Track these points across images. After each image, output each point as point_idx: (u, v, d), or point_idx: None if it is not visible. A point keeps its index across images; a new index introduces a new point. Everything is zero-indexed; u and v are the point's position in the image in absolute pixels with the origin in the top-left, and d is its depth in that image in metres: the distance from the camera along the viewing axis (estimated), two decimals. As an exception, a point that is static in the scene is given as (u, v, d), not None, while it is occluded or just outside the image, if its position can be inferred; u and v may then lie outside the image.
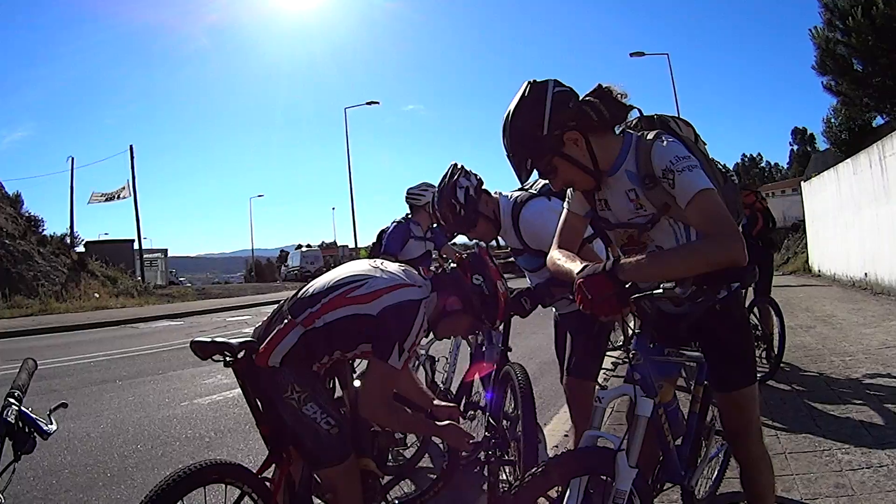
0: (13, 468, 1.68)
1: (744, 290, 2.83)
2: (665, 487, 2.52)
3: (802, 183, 21.79)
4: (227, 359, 2.33)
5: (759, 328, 5.97)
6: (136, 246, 33.71)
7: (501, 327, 3.30)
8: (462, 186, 3.18)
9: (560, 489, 1.93)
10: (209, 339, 2.34)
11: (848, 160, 14.85)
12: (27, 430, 1.71)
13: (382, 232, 5.23)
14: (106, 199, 32.54)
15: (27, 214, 25.72)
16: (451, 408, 2.83)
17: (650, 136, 1.98)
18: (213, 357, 2.33)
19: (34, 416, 1.74)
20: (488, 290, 2.51)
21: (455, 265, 2.58)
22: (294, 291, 2.57)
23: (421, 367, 4.45)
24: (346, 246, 50.35)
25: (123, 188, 32.34)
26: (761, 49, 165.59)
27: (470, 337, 3.79)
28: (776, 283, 7.43)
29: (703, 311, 1.95)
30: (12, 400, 1.73)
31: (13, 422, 1.68)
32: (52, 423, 1.77)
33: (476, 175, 3.27)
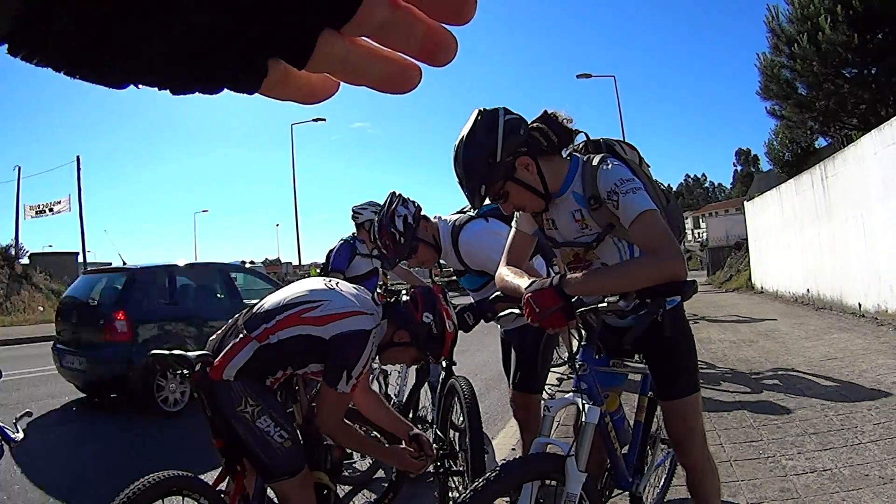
0: None
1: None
2: (614, 494, 2.61)
3: (745, 203, 22.42)
4: (185, 372, 2.34)
5: None
6: (80, 259, 32.74)
7: None
8: (400, 215, 3.25)
9: (509, 501, 1.99)
10: (168, 353, 2.34)
11: (791, 180, 15.39)
12: None
13: (331, 252, 5.28)
14: (36, 213, 31.12)
15: (-30, 224, 24.89)
16: (426, 443, 2.82)
17: (596, 159, 2.08)
18: (171, 370, 2.34)
19: (1, 424, 1.74)
20: (437, 328, 2.55)
21: (408, 298, 2.62)
22: (249, 306, 2.59)
23: (374, 381, 4.49)
24: (290, 263, 49.79)
25: (57, 202, 31.19)
26: (707, 72, 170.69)
27: None
28: (721, 300, 7.64)
29: (647, 324, 2.04)
30: None
31: None
32: (18, 432, 1.77)
33: (414, 202, 3.35)
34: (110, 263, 47.85)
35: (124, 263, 9.31)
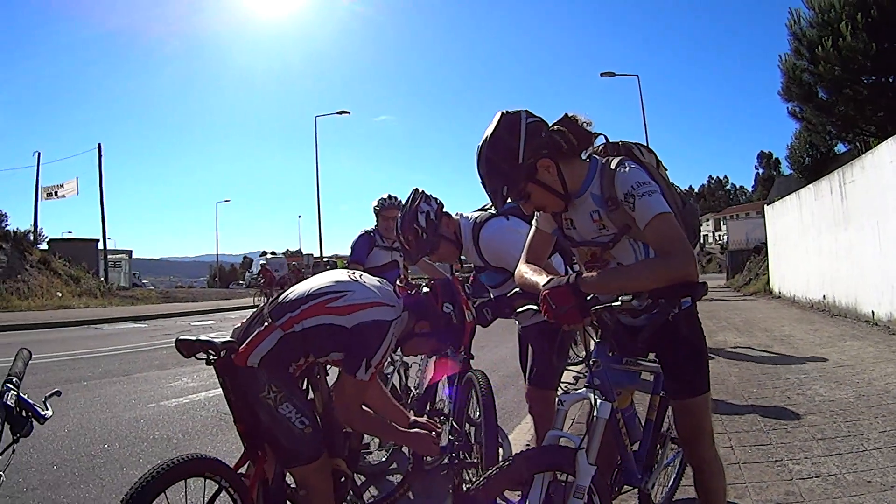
0: (12, 450, 1.77)
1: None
2: (623, 490, 2.66)
3: (765, 206, 22.26)
4: (211, 357, 2.41)
5: None
6: (100, 246, 33.09)
7: None
8: (423, 211, 3.31)
9: (521, 494, 2.05)
10: (194, 338, 2.41)
11: (810, 186, 15.28)
12: (25, 414, 1.81)
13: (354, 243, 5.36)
14: (46, 196, 31.46)
15: (-10, 209, 25.15)
16: (429, 423, 2.92)
17: (614, 162, 2.14)
18: (197, 355, 2.41)
19: (31, 401, 1.84)
20: (457, 318, 2.65)
21: (428, 290, 2.70)
22: (275, 296, 2.67)
23: (395, 373, 4.56)
24: (311, 254, 50.12)
25: (62, 185, 31.42)
26: (730, 73, 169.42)
27: None
28: (738, 304, 7.63)
29: (660, 324, 2.09)
30: (11, 386, 1.82)
31: (13, 406, 1.78)
32: (47, 409, 1.87)
33: (436, 199, 3.41)
34: (130, 251, 48.12)
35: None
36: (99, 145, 32.09)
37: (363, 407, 2.64)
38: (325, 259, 32.58)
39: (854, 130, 18.80)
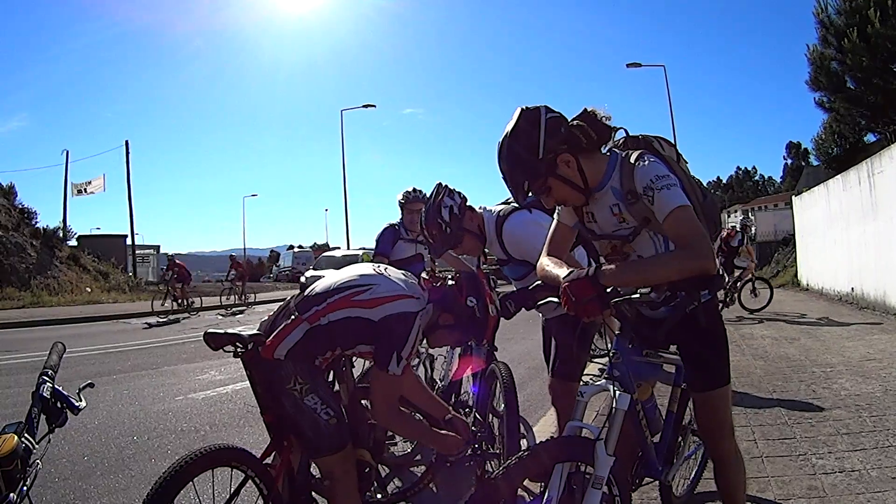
0: (48, 439, 1.84)
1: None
2: (644, 482, 2.67)
3: (793, 197, 21.95)
4: (238, 350, 2.46)
5: None
6: (128, 241, 33.57)
7: None
8: (446, 205, 3.35)
9: (542, 485, 2.08)
10: (222, 331, 2.46)
11: (838, 176, 15.02)
12: (60, 405, 1.88)
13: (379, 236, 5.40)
14: (77, 192, 31.83)
15: (20, 206, 25.41)
16: (462, 422, 2.94)
17: (633, 156, 2.16)
18: (225, 348, 2.47)
19: (66, 393, 1.91)
20: (480, 312, 2.67)
21: (453, 282, 2.73)
22: (300, 289, 2.71)
23: (421, 365, 4.60)
24: (339, 248, 50.61)
25: (88, 183, 31.91)
26: (758, 62, 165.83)
27: None
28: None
29: (680, 317, 2.11)
30: (46, 378, 1.89)
31: (48, 397, 1.85)
32: (81, 401, 1.94)
33: (460, 193, 3.44)
34: (158, 247, 48.84)
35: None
36: (126, 142, 32.52)
37: (400, 408, 2.67)
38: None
39: (884, 120, 18.43)
